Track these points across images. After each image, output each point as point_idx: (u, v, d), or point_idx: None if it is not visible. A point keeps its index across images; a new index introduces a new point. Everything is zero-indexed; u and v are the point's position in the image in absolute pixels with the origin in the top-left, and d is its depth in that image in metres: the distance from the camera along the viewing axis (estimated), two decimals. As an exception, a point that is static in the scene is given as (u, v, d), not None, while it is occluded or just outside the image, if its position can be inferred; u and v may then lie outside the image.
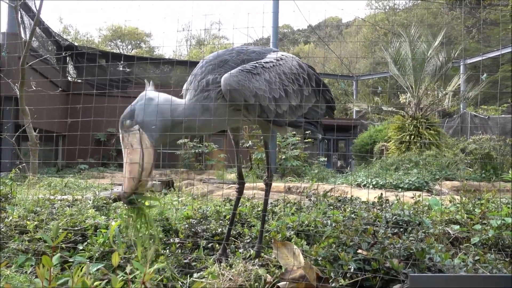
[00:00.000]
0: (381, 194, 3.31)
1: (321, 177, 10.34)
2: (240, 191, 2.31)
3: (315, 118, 2.27)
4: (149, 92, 1.97)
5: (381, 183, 7.92)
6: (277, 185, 8.76)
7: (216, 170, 13.09)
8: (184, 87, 2.12)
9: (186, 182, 8.61)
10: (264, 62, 2.00)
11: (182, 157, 14.42)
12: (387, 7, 29.02)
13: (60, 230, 2.45)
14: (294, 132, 12.23)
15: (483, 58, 15.81)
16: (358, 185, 8.35)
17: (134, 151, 1.84)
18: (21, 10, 10.68)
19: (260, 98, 1.90)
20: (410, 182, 7.67)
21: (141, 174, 1.84)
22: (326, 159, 14.92)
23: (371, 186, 7.94)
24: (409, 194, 6.44)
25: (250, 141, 11.91)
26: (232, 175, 10.73)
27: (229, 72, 1.89)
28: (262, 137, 2.35)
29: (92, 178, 9.41)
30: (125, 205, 1.92)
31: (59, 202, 3.68)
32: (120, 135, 1.89)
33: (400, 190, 7.27)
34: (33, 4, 12.34)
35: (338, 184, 8.72)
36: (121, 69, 15.22)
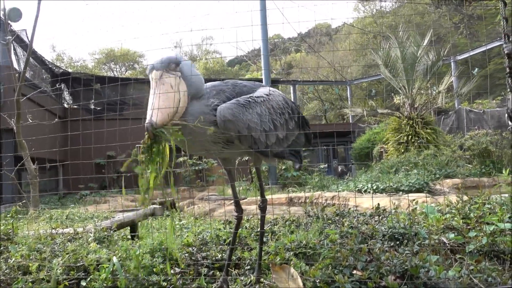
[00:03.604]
0: (378, 204, 3.34)
1: (322, 185, 10.36)
2: (237, 223, 2.37)
3: (297, 148, 2.40)
4: None
5: (381, 187, 7.94)
6: (278, 196, 8.77)
7: (217, 186, 13.11)
8: None
9: (187, 202, 8.63)
10: (255, 97, 2.11)
11: (183, 175, 14.45)
12: (374, 10, 29.39)
13: (61, 270, 2.48)
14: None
15: (472, 54, 15.95)
16: (359, 191, 8.37)
17: (174, 92, 1.91)
18: (13, 42, 10.83)
19: (252, 130, 1.99)
20: (410, 184, 7.69)
21: (174, 114, 1.90)
22: (326, 165, 14.96)
23: (371, 191, 7.95)
24: (410, 196, 6.47)
25: (249, 154, 11.95)
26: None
27: (224, 105, 1.98)
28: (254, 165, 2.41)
29: (94, 204, 9.44)
30: (148, 133, 1.89)
31: (61, 236, 3.71)
32: (156, 72, 1.94)
33: (401, 193, 7.29)
34: (25, 35, 12.53)
35: (339, 191, 8.74)
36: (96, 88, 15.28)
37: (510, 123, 1.65)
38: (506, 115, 1.67)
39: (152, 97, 1.90)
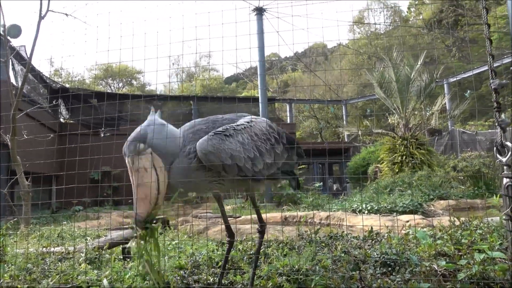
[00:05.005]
0: (371, 228, 3.36)
1: (317, 204, 10.33)
2: (229, 248, 2.40)
3: (289, 169, 2.43)
4: (157, 118, 2.05)
5: (376, 208, 7.94)
6: (273, 215, 8.72)
7: (213, 203, 13.02)
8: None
9: (181, 220, 8.55)
10: (235, 125, 2.12)
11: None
12: (369, 32, 30.04)
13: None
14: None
15: (464, 76, 16.29)
16: (354, 211, 8.36)
17: (149, 174, 1.87)
18: (12, 58, 10.91)
19: (236, 159, 1.99)
20: (404, 205, 7.71)
21: (157, 197, 1.88)
22: (322, 183, 14.96)
23: (366, 212, 7.95)
24: (404, 217, 6.48)
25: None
26: (228, 207, 10.67)
27: (202, 139, 1.98)
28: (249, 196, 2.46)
29: (87, 220, 9.31)
30: (138, 228, 1.95)
31: (52, 255, 3.66)
32: (129, 159, 1.90)
33: (395, 214, 7.30)
34: (24, 51, 12.62)
35: (334, 210, 8.72)
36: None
37: (499, 156, 1.69)
38: (495, 148, 1.71)
39: (133, 189, 1.91)
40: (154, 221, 1.97)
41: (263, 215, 3.44)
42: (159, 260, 2.09)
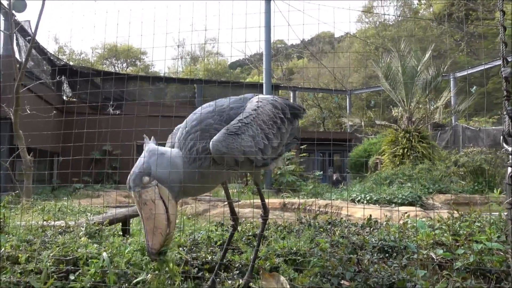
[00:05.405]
0: (370, 215, 3.37)
1: (317, 192, 10.38)
2: (234, 227, 2.41)
3: (293, 139, 2.44)
4: (158, 147, 2.04)
5: (375, 198, 7.98)
6: (272, 201, 8.79)
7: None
8: (170, 139, 2.29)
9: (180, 201, 8.61)
10: (244, 118, 2.08)
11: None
12: (377, 22, 29.60)
13: (50, 263, 2.49)
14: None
15: (471, 71, 16.11)
16: (353, 201, 8.41)
17: (157, 206, 1.87)
18: (16, 33, 10.82)
19: (248, 154, 2.00)
20: (404, 197, 7.74)
21: (168, 227, 1.89)
22: (322, 172, 15.01)
23: (365, 202, 7.99)
24: (403, 209, 6.52)
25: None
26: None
27: (215, 138, 1.96)
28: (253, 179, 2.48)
29: (87, 198, 9.40)
30: (153, 260, 2.01)
31: (52, 228, 3.70)
32: (135, 193, 1.89)
33: (393, 205, 7.33)
34: (29, 26, 12.51)
35: (333, 199, 8.77)
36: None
37: (505, 145, 1.68)
38: (501, 137, 1.70)
39: (142, 222, 1.92)
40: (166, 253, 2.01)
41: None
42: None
